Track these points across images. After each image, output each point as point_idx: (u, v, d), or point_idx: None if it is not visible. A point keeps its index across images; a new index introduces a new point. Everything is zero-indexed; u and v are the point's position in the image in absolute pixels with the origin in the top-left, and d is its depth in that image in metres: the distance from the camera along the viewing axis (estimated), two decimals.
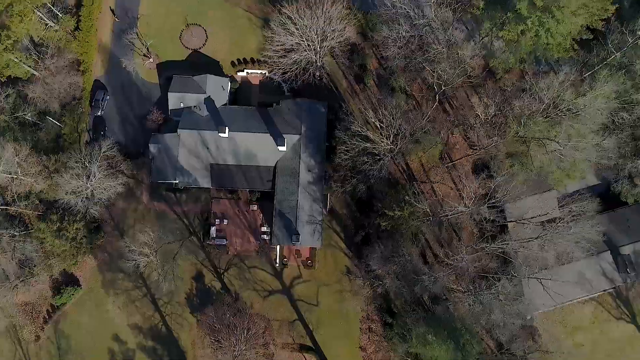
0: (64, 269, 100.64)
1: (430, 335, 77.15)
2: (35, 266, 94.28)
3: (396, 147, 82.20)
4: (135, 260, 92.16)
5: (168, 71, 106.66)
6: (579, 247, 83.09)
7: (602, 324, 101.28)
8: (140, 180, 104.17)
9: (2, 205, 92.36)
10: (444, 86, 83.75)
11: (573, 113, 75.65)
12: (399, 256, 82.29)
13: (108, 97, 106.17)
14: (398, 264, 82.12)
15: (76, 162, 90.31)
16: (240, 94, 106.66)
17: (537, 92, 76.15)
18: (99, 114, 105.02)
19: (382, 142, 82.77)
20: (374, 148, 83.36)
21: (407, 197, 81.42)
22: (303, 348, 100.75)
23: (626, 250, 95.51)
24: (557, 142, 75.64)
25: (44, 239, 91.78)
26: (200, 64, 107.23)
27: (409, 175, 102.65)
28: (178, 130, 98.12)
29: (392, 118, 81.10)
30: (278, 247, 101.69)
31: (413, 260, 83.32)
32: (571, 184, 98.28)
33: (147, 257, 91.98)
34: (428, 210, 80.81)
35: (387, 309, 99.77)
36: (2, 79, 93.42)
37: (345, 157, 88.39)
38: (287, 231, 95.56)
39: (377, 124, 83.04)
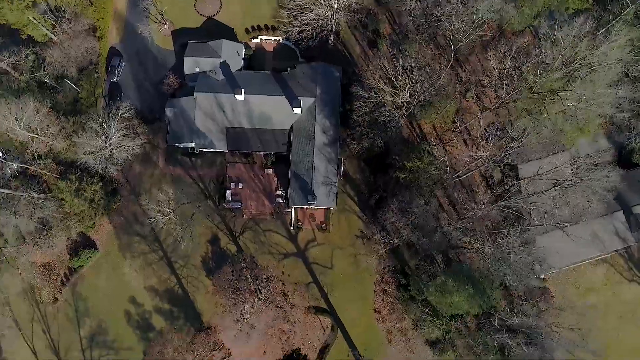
0: (82, 232, 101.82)
1: (450, 281, 77.87)
2: (53, 227, 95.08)
3: (413, 99, 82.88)
4: (154, 218, 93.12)
5: (183, 38, 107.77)
6: (595, 196, 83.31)
7: (614, 286, 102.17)
8: (156, 145, 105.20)
9: (22, 164, 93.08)
10: (460, 42, 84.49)
11: (587, 66, 76.38)
12: (417, 206, 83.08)
13: (124, 63, 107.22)
14: (415, 214, 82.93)
15: (95, 122, 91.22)
16: (254, 61, 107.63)
17: (553, 42, 76.91)
18: (115, 80, 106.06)
19: (399, 94, 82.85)
20: (391, 101, 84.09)
21: (427, 147, 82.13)
22: (318, 310, 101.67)
23: (639, 209, 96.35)
24: (572, 91, 76.18)
25: (63, 198, 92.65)
26: (214, 31, 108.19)
27: (423, 139, 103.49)
28: (194, 93, 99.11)
29: (409, 69, 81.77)
30: (293, 210, 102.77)
31: (431, 210, 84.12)
32: (583, 147, 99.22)
33: (166, 216, 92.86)
34: (446, 159, 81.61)
35: (401, 271, 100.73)
36: (22, 36, 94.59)
37: (362, 112, 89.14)
38: (303, 192, 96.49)
39: (394, 75, 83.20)
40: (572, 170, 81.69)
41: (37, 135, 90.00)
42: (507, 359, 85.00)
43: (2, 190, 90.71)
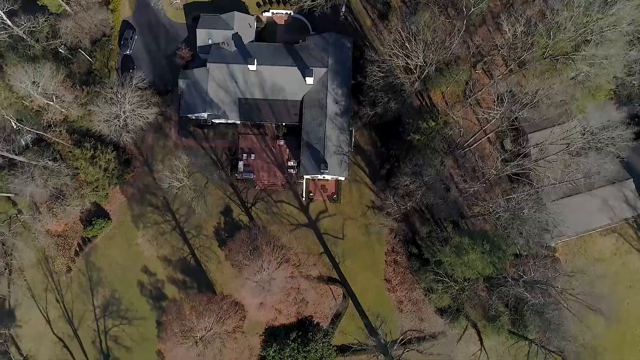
0: (95, 203, 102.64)
1: (466, 239, 78.63)
2: (67, 196, 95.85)
3: (427, 64, 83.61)
4: (169, 184, 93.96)
5: (194, 11, 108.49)
6: (607, 158, 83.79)
7: (623, 256, 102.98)
8: (169, 117, 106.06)
9: (37, 131, 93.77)
10: (473, 6, 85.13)
11: (600, 28, 76.99)
12: (430, 167, 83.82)
13: (136, 36, 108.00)
14: (429, 175, 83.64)
15: (110, 88, 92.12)
16: (265, 34, 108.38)
17: (565, 4, 77.53)
18: (128, 52, 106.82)
19: (412, 57, 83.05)
20: (404, 66, 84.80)
21: (441, 108, 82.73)
22: (329, 280, 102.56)
23: None
24: (584, 54, 76.81)
25: (78, 167, 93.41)
26: (225, 5, 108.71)
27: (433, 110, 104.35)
28: (207, 63, 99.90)
29: (422, 33, 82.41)
30: (304, 181, 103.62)
31: (444, 171, 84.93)
32: (594, 118, 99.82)
33: (180, 182, 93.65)
34: (460, 119, 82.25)
35: (412, 241, 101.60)
36: (39, 3, 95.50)
37: (376, 77, 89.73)
38: (315, 161, 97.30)
39: (407, 38, 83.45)
40: (583, 133, 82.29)
41: (52, 102, 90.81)
42: (518, 318, 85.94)
43: (17, 157, 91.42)
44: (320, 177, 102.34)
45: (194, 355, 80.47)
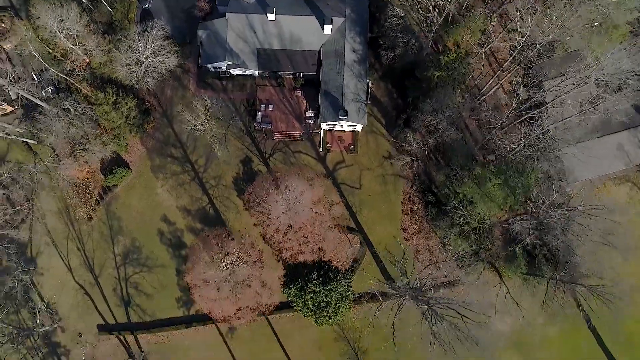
0: (115, 153, 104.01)
1: (488, 168, 79.63)
2: (89, 142, 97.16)
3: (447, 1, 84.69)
4: (192, 126, 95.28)
5: None
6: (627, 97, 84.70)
7: (637, 205, 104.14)
8: (188, 69, 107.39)
9: (62, 74, 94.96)
10: None
11: None
12: (452, 101, 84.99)
13: None
14: (451, 109, 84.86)
15: (130, 38, 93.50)
16: None
17: None
18: (147, 6, 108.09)
19: None
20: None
21: (463, 37, 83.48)
22: (347, 229, 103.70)
23: None
24: None
25: (100, 113, 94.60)
26: None
27: None
28: (226, 13, 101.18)
29: None
30: (322, 132, 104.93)
31: (466, 103, 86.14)
32: (608, 58, 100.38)
33: (203, 125, 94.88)
34: (482, 50, 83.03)
35: (428, 189, 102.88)
36: None
37: (396, 17, 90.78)
38: (334, 108, 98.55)
39: None
40: (597, 77, 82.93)
41: (76, 47, 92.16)
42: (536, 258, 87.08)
43: (41, 102, 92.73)
44: (337, 127, 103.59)
45: (220, 291, 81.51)
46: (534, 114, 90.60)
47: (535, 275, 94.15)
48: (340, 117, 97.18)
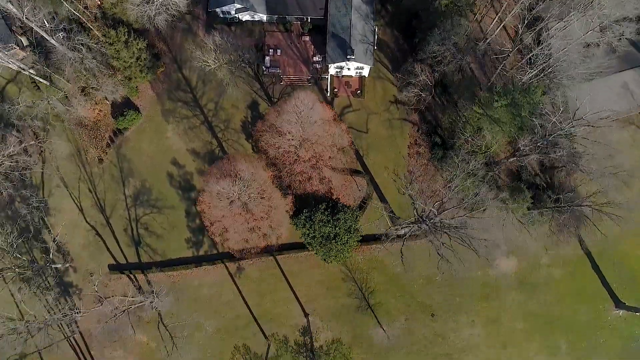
0: (126, 97, 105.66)
1: (494, 91, 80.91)
2: (100, 79, 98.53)
3: None
4: (202, 63, 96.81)
5: None
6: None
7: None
8: (196, 16, 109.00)
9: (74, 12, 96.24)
10: None
11: None
12: (459, 27, 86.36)
13: None
14: (458, 36, 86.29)
15: None
16: None
17: None
18: None
19: None
20: None
21: None
22: (354, 172, 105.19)
23: None
24: None
25: (113, 50, 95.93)
26: None
27: None
28: None
29: None
30: (329, 77, 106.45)
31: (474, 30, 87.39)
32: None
33: (214, 62, 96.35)
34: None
35: (434, 131, 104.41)
36: None
37: None
38: (341, 49, 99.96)
39: None
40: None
41: None
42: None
43: (53, 39, 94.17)
44: (344, 72, 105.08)
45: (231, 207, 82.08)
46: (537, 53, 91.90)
47: (539, 208, 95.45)
48: (348, 57, 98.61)
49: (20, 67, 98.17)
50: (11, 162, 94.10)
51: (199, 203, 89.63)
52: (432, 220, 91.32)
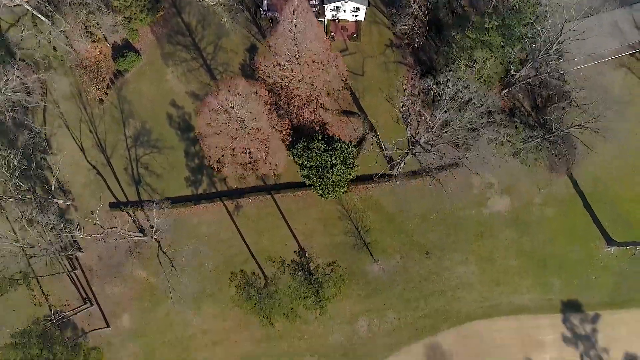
0: (126, 41, 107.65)
1: (486, 13, 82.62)
2: (101, 16, 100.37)
3: None
4: None
5: None
6: None
7: (632, 88, 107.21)
8: None
9: None
10: None
11: None
12: None
13: None
14: None
15: None
16: None
17: None
18: None
19: None
20: None
21: None
22: (350, 113, 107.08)
23: None
24: None
25: None
26: None
27: None
28: None
29: None
30: (325, 21, 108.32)
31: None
32: None
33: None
34: None
35: (428, 72, 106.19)
36: None
37: None
38: None
39: None
40: None
41: None
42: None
43: None
44: (341, 14, 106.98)
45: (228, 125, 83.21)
46: None
47: (532, 138, 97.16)
48: None
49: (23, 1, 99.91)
50: (14, 96, 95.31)
51: (198, 115, 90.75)
52: (425, 138, 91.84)
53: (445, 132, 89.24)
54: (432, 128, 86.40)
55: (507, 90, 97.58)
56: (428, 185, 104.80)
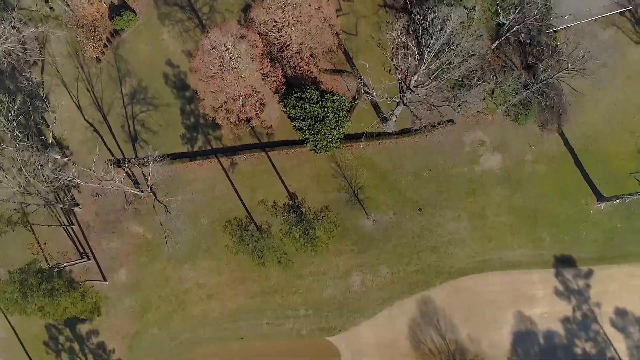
0: (122, 1, 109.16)
1: None
2: None
3: None
4: None
5: None
6: None
7: (622, 47, 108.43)
8: None
9: None
10: None
11: None
12: None
13: None
14: None
15: None
16: None
17: None
18: None
19: None
20: None
21: None
22: (343, 72, 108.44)
23: None
24: None
25: None
26: None
27: None
28: None
29: None
30: None
31: None
32: None
33: None
34: None
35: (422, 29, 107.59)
36: None
37: None
38: None
39: None
40: None
41: None
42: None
43: None
44: None
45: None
46: None
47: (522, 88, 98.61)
48: None
49: None
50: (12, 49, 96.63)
51: (193, 58, 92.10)
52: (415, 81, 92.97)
53: (435, 74, 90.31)
54: (423, 65, 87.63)
55: (497, 42, 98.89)
56: (420, 144, 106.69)
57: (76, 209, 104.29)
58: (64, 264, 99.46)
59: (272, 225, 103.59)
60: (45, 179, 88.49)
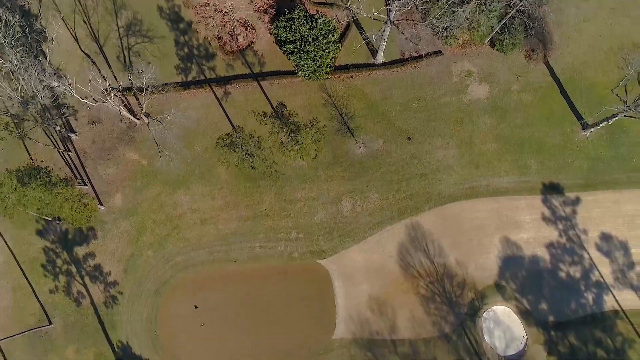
0: None
1: None
2: None
3: None
4: None
5: None
6: None
7: None
8: None
9: None
10: None
11: None
12: None
13: None
14: None
15: None
16: None
17: None
18: None
19: None
20: None
21: None
22: (333, 5, 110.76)
23: None
24: None
25: None
26: None
27: None
28: None
29: None
30: None
31: None
32: None
33: None
34: None
35: None
36: None
37: None
38: None
39: None
40: None
41: None
42: None
43: None
44: None
45: None
46: None
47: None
48: None
49: None
50: None
51: None
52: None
53: None
54: None
55: None
56: (409, 75, 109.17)
57: (73, 136, 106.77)
58: None
59: (262, 138, 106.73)
60: (42, 87, 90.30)
